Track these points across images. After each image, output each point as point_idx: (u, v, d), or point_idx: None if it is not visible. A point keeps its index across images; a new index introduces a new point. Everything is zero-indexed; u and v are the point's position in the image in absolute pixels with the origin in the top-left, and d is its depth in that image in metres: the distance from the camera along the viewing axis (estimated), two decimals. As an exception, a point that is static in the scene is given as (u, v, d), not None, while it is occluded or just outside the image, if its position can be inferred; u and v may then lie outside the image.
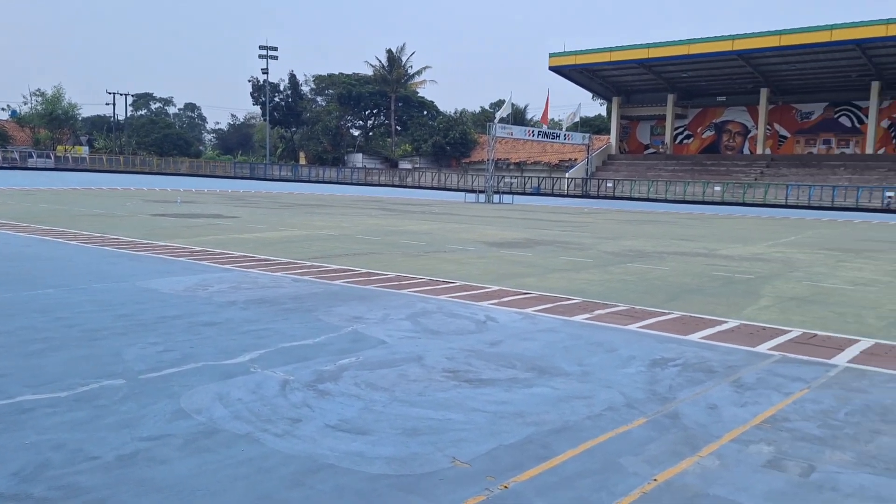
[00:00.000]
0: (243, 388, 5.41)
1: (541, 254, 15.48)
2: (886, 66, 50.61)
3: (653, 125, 66.53)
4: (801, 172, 53.16)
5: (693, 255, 15.95)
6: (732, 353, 7.05)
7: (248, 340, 6.91)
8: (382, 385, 5.61)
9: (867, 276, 13.29)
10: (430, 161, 78.65)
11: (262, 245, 15.52)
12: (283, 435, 4.50)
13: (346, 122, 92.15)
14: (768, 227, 27.38)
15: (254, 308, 8.51)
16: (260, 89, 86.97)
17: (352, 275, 11.52)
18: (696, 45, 53.82)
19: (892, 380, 6.22)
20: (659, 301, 9.91)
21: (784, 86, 57.48)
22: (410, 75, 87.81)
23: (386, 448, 4.34)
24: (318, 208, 30.68)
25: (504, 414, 5.02)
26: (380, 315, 8.32)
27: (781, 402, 5.47)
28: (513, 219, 28.02)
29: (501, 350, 6.88)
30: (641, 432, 4.74)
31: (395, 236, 18.62)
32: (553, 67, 62.42)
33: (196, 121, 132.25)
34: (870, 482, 4.04)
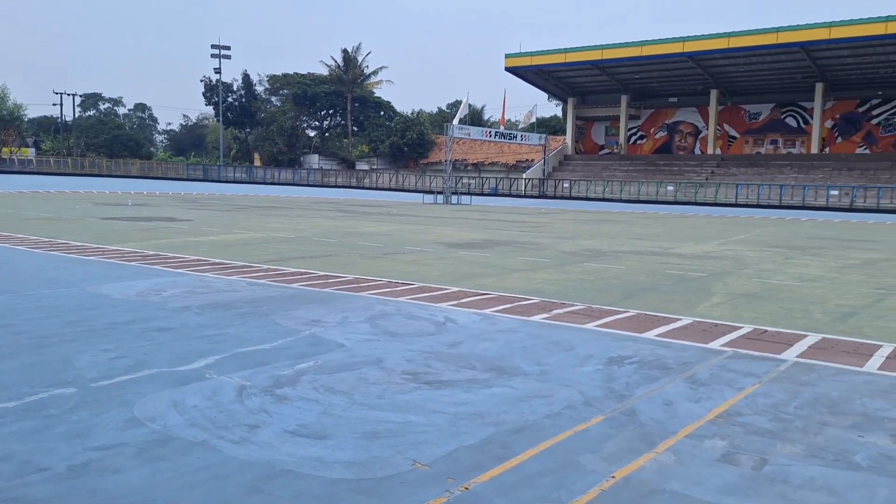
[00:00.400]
0: (199, 395, 5.31)
1: (499, 254, 15.56)
2: (829, 68, 52.25)
3: (607, 126, 67.48)
4: (750, 172, 54.52)
5: (647, 254, 16.23)
6: (686, 349, 7.19)
7: (204, 346, 6.80)
8: (341, 389, 5.57)
9: (813, 272, 13.69)
10: (387, 162, 78.43)
11: (216, 248, 15.27)
12: (240, 441, 4.44)
13: (302, 123, 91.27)
14: (719, 226, 28.01)
15: (209, 313, 8.37)
16: (212, 89, 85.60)
17: (309, 277, 11.42)
18: (648, 46, 54.78)
19: (839, 373, 6.42)
20: (615, 299, 10.05)
21: (733, 87, 58.88)
22: (367, 75, 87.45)
23: (345, 452, 4.31)
24: (273, 210, 30.33)
25: (464, 415, 5.04)
26: (338, 318, 8.26)
27: (734, 397, 5.60)
28: (471, 219, 28.11)
29: (461, 351, 6.89)
30: (599, 430, 4.80)
31: (352, 238, 18.51)
32: (509, 68, 62.85)
33: (147, 121, 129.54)
34: (819, 473, 4.17)
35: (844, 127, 55.59)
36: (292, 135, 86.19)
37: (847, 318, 9.05)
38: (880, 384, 6.07)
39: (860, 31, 45.70)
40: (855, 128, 55.26)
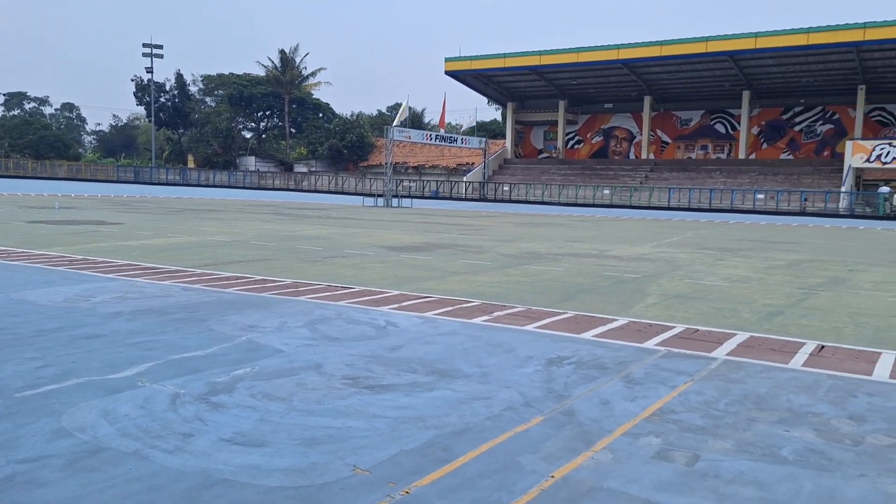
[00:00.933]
0: (130, 404, 5.14)
1: (440, 257, 15.60)
2: (755, 77, 54.31)
3: (546, 130, 68.48)
4: (682, 176, 56.16)
5: (585, 256, 16.53)
6: (622, 349, 7.35)
7: (136, 353, 6.59)
8: (279, 395, 5.48)
9: (741, 273, 14.19)
10: (326, 164, 77.67)
11: (148, 253, 14.84)
12: (174, 451, 4.32)
13: (238, 124, 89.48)
14: (653, 229, 28.76)
15: (141, 319, 8.12)
16: (144, 89, 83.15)
17: (246, 282, 11.21)
18: (584, 53, 55.85)
19: (766, 370, 6.66)
20: (554, 301, 10.20)
21: (665, 94, 60.56)
22: (305, 77, 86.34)
23: (284, 459, 4.24)
24: (208, 213, 29.65)
25: (405, 419, 5.02)
26: (276, 323, 8.13)
27: (668, 395, 5.75)
28: (412, 223, 28.09)
29: (402, 354, 6.87)
30: (539, 430, 4.86)
31: (291, 241, 18.26)
32: (449, 72, 63.11)
33: (75, 122, 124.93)
34: (748, 468, 4.31)
35: (769, 133, 57.88)
36: (228, 136, 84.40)
37: (773, 317, 9.41)
38: (804, 380, 6.33)
39: (783, 41, 47.67)
40: (779, 134, 57.60)
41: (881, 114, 53.12)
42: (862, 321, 9.26)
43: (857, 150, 45.64)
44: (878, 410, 5.52)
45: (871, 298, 11.24)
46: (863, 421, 5.25)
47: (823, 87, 53.87)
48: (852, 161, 45.72)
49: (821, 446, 4.70)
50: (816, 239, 24.88)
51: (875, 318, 9.55)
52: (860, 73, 49.72)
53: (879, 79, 50.78)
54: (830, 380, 6.37)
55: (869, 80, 50.79)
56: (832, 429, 5.05)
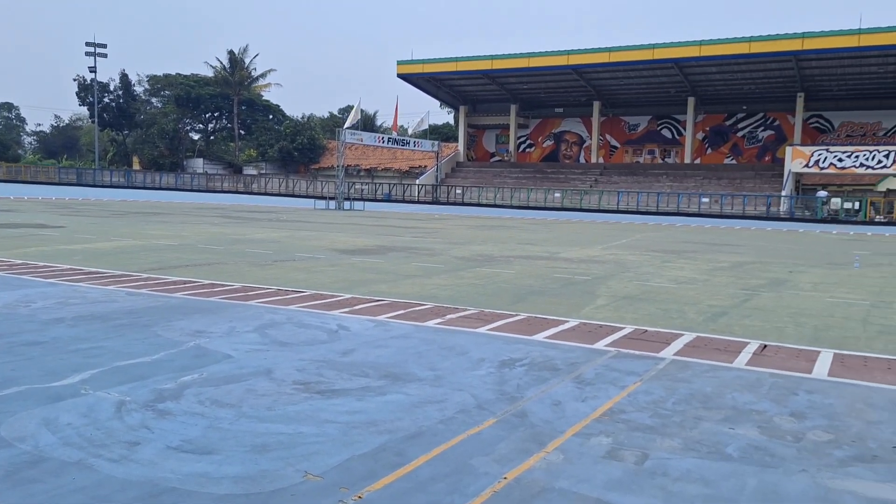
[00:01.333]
0: (73, 412, 4.99)
1: (393, 260, 15.55)
2: (700, 83, 55.71)
3: (498, 134, 68.93)
4: (630, 180, 57.21)
5: (537, 259, 16.68)
6: (573, 350, 7.44)
7: (78, 360, 6.39)
8: (228, 401, 5.39)
9: (688, 274, 14.52)
10: (276, 167, 76.67)
11: (91, 257, 14.42)
12: (119, 460, 4.20)
13: (185, 126, 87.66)
14: (602, 231, 29.21)
15: (84, 325, 7.88)
16: (87, 89, 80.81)
17: (193, 286, 10.98)
18: (535, 58, 56.44)
19: (712, 369, 6.83)
20: (506, 303, 10.27)
21: (614, 99, 61.62)
22: (254, 78, 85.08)
23: (233, 467, 4.17)
24: (154, 216, 28.98)
25: (357, 423, 4.99)
26: (225, 328, 7.99)
27: (618, 395, 5.84)
28: (364, 226, 27.95)
29: (354, 359, 6.83)
30: (492, 432, 4.88)
31: (240, 245, 17.97)
32: (401, 75, 63.01)
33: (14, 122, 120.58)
34: (695, 465, 4.41)
35: (714, 139, 59.40)
36: (174, 138, 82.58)
37: (718, 318, 9.65)
38: (748, 379, 6.51)
39: (727, 49, 49.02)
40: (723, 140, 59.16)
41: (819, 121, 55.04)
42: (802, 321, 9.57)
43: (796, 156, 47.18)
44: (818, 407, 5.71)
45: (811, 299, 11.63)
46: (803, 418, 5.42)
47: (765, 94, 55.58)
48: (792, 166, 47.24)
49: (764, 443, 4.84)
50: (758, 241, 25.62)
51: (814, 317, 9.88)
52: (799, 82, 51.45)
53: (817, 87, 52.64)
54: (772, 378, 6.56)
55: (807, 88, 52.60)
56: (774, 426, 5.20)
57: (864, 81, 50.68)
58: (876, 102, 52.62)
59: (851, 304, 11.22)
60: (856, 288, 13.18)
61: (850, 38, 44.54)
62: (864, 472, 4.37)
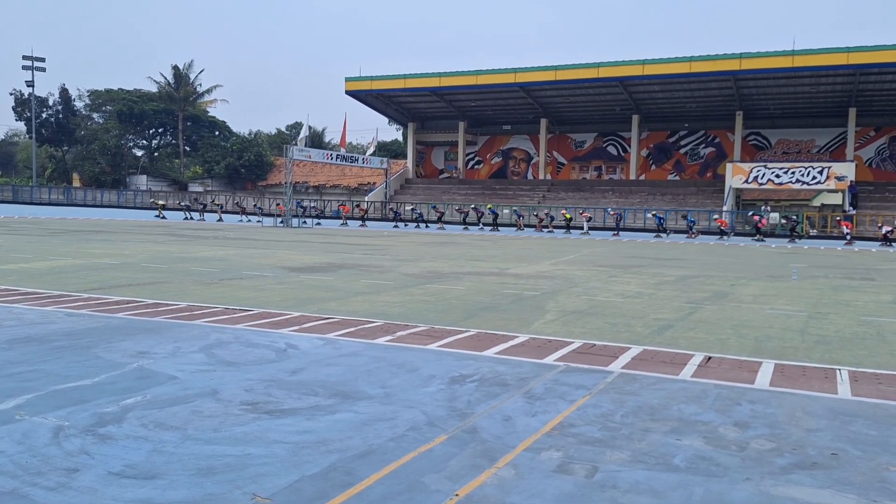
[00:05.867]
0: (7, 439, 4.78)
1: (342, 277, 15.43)
2: (644, 101, 57.14)
3: (446, 151, 69.30)
4: (577, 196, 58.12)
5: (486, 275, 16.77)
6: (523, 365, 7.48)
7: (13, 384, 6.13)
8: (173, 424, 5.24)
9: (634, 289, 14.79)
10: (223, 184, 75.47)
11: (28, 276, 13.92)
12: (56, 488, 4.04)
13: (128, 142, 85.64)
14: (550, 247, 29.56)
15: (19, 347, 7.58)
16: (24, 103, 78.44)
17: (136, 306, 10.69)
18: (482, 76, 57.06)
19: (658, 382, 6.95)
20: (456, 319, 10.28)
21: (560, 117, 62.68)
22: (200, 94, 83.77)
23: (178, 491, 4.05)
24: (95, 234, 28.16)
25: (306, 443, 4.91)
26: (169, 348, 7.79)
27: (567, 409, 5.89)
28: (313, 242, 27.68)
29: (303, 377, 6.73)
30: (443, 449, 4.86)
31: (185, 263, 17.58)
32: (349, 92, 62.90)
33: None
34: (643, 477, 4.47)
35: (657, 155, 60.90)
36: (117, 154, 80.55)
37: (664, 331, 9.85)
38: (693, 390, 6.65)
39: (668, 69, 50.46)
40: (666, 156, 60.70)
41: (757, 138, 56.98)
42: (744, 332, 9.84)
43: (736, 172, 48.71)
44: (760, 416, 5.86)
45: (752, 311, 11.97)
46: (746, 427, 5.56)
47: (705, 112, 57.32)
48: (732, 182, 48.74)
49: (709, 453, 4.94)
50: (702, 255, 26.28)
51: (755, 329, 10.17)
52: (737, 100, 53.24)
53: (755, 105, 54.55)
54: (717, 389, 6.71)
55: (745, 107, 54.45)
56: (719, 436, 5.32)
57: (798, 100, 52.79)
58: (810, 121, 54.84)
59: (790, 315, 11.58)
60: (794, 300, 13.62)
61: (784, 59, 46.36)
62: (805, 479, 4.49)
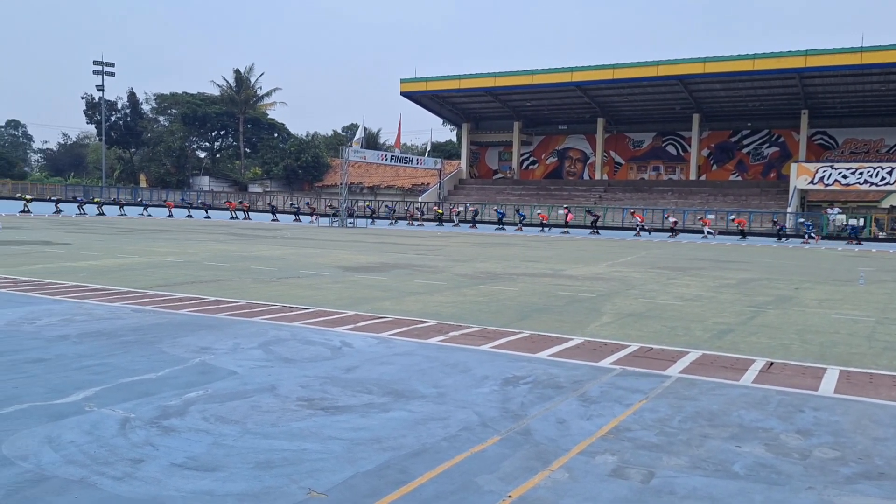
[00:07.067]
0: (77, 430, 4.98)
1: (396, 277, 15.56)
2: (704, 100, 55.90)
3: (501, 151, 69.15)
4: (635, 197, 57.24)
5: (540, 276, 16.67)
6: (578, 368, 7.41)
7: (83, 377, 6.39)
8: (233, 418, 5.37)
9: (693, 291, 14.48)
10: (281, 184, 77.01)
11: (97, 274, 14.47)
12: (122, 478, 4.19)
13: (192, 144, 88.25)
14: (607, 249, 29.19)
15: (89, 342, 7.89)
16: (95, 107, 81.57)
17: (199, 303, 11.00)
18: (538, 75, 56.73)
19: (718, 387, 6.79)
20: (510, 321, 10.24)
21: (618, 116, 61.83)
22: (260, 96, 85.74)
23: (237, 484, 4.15)
24: (160, 233, 29.08)
25: (361, 440, 4.97)
26: (230, 344, 7.99)
27: (623, 414, 5.81)
28: (367, 242, 27.99)
29: (357, 375, 6.81)
30: (496, 450, 4.86)
31: (245, 262, 18.01)
32: (404, 93, 63.38)
33: (21, 139, 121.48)
34: (701, 483, 4.38)
35: (719, 155, 59.50)
36: (181, 156, 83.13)
37: (724, 335, 9.62)
38: (754, 396, 6.47)
39: (730, 66, 49.24)
40: (728, 156, 59.25)
41: (823, 137, 55.13)
42: (808, 338, 9.53)
43: (801, 172, 47.20)
44: (824, 424, 5.67)
45: (817, 316, 11.58)
46: (810, 435, 5.39)
47: (769, 111, 55.74)
48: (797, 182, 47.26)
49: (770, 461, 4.80)
50: (764, 258, 25.56)
51: (820, 334, 9.83)
52: (803, 98, 51.59)
53: (821, 104, 52.78)
54: (779, 395, 6.52)
55: (811, 105, 52.73)
56: (781, 443, 5.17)
57: (866, 99, 50.85)
58: (878, 119, 52.78)
59: (857, 320, 11.16)
60: (861, 304, 13.12)
61: (852, 56, 44.73)
62: (871, 489, 4.33)
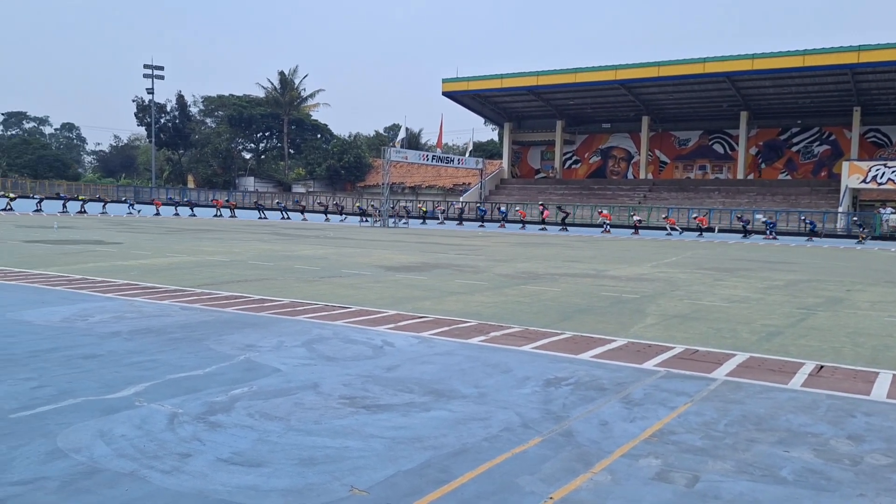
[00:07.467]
0: (127, 424, 5.12)
1: (437, 277, 15.60)
2: (753, 97, 54.72)
3: (543, 150, 68.77)
4: (681, 196, 56.35)
5: (583, 276, 16.53)
6: (621, 370, 7.33)
7: (133, 373, 6.56)
8: (277, 414, 5.46)
9: (740, 293, 14.19)
10: (324, 185, 77.90)
11: (147, 272, 14.83)
12: (171, 471, 4.29)
13: (237, 145, 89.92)
14: (651, 249, 28.79)
15: (139, 338, 8.10)
16: (145, 109, 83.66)
17: (244, 301, 11.19)
18: (581, 73, 56.26)
19: (765, 390, 6.64)
20: (552, 321, 10.18)
21: (663, 114, 60.94)
22: (303, 98, 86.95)
23: (281, 480, 4.21)
24: (207, 233, 29.68)
25: (402, 439, 5.00)
26: (274, 342, 8.12)
27: (667, 416, 5.72)
28: (408, 242, 28.12)
29: (398, 374, 6.85)
30: (537, 451, 4.83)
31: (288, 261, 18.26)
32: (446, 93, 63.51)
33: (74, 142, 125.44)
34: (748, 488, 4.29)
35: (767, 154, 58.18)
36: (227, 157, 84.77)
37: (772, 338, 9.40)
38: (803, 400, 6.32)
39: (780, 63, 48.10)
40: (777, 155, 57.89)
41: (876, 135, 53.46)
42: (860, 341, 9.26)
43: (853, 171, 45.88)
44: (876, 430, 5.50)
45: (869, 318, 11.24)
46: (861, 441, 5.23)
47: (820, 108, 54.28)
48: (849, 182, 45.94)
49: (820, 466, 4.68)
50: (814, 259, 24.91)
51: (873, 337, 9.55)
52: (855, 95, 50.12)
53: (874, 101, 51.19)
54: (829, 400, 6.35)
55: (864, 102, 51.19)
56: (831, 449, 5.03)
57: (923, 94, 49.16)
58: (936, 116, 50.98)
59: (913, 324, 10.80)
60: (918, 307, 12.69)
61: (908, 51, 43.27)
62: (929, 500, 4.18)
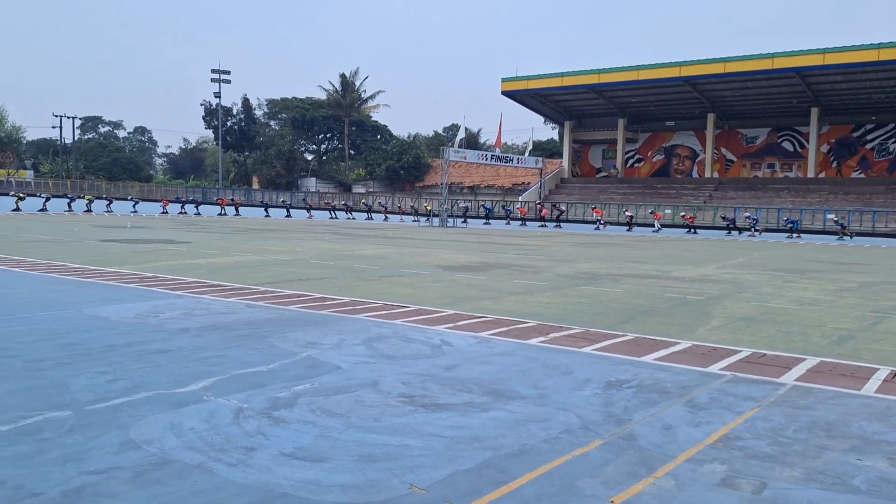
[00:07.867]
0: (196, 417, 5.28)
1: (495, 277, 15.56)
2: (824, 94, 52.75)
3: (604, 149, 67.86)
4: (748, 195, 54.77)
5: (646, 277, 16.23)
6: (685, 373, 7.17)
7: (201, 368, 6.77)
8: (338, 411, 5.54)
9: (811, 295, 13.70)
10: (383, 185, 78.68)
11: (214, 270, 15.27)
12: (236, 464, 4.41)
13: (300, 146, 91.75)
14: (717, 249, 28.07)
15: (206, 335, 8.34)
16: (212, 113, 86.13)
17: (306, 300, 11.40)
18: (644, 71, 55.27)
19: (837, 396, 6.40)
20: (613, 323, 10.04)
21: (729, 111, 59.33)
22: (364, 99, 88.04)
23: (342, 475, 4.28)
24: (271, 233, 30.35)
25: (461, 439, 5.01)
26: (335, 340, 8.24)
27: (733, 421, 5.57)
28: (467, 242, 28.15)
29: (457, 374, 6.87)
30: (598, 454, 4.77)
31: (349, 261, 18.52)
32: (505, 92, 63.30)
33: (146, 144, 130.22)
34: (818, 497, 4.14)
35: (840, 151, 55.98)
36: (290, 158, 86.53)
37: (844, 342, 9.05)
38: (877, 407, 6.06)
39: (853, 57, 46.23)
40: (850, 152, 55.65)
41: (959, 130, 50.83)
42: (941, 347, 8.81)
43: (933, 168, 43.69)
44: (960, 441, 5.23)
45: (952, 323, 10.69)
46: (943, 452, 4.98)
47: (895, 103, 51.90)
48: (928, 179, 43.79)
49: (895, 476, 4.49)
50: (890, 260, 23.85)
51: (956, 343, 9.07)
52: (935, 89, 47.78)
53: (956, 94, 48.69)
54: (907, 408, 6.07)
55: (945, 96, 48.74)
56: (909, 459, 4.81)
57: None
58: None
59: None
60: None
61: None
62: None
